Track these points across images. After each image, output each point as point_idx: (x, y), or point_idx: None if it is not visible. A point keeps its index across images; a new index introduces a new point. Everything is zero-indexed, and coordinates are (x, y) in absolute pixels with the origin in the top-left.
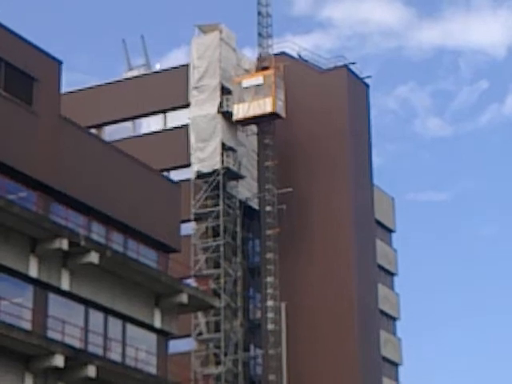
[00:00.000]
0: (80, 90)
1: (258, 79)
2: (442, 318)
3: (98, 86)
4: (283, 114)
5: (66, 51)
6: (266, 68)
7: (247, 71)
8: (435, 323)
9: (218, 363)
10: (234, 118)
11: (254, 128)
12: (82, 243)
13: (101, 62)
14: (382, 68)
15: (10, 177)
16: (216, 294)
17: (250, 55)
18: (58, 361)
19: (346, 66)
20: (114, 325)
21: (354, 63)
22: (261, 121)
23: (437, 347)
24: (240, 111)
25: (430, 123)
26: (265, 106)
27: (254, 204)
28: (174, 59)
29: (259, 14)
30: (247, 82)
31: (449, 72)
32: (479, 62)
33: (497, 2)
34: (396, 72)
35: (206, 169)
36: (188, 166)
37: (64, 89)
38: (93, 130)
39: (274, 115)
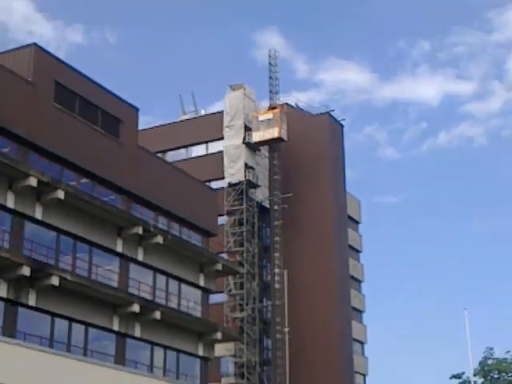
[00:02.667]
0: (151, 127)
1: (269, 115)
2: (395, 279)
3: (163, 125)
4: (286, 139)
5: (142, 101)
6: (274, 107)
7: None
8: (390, 283)
9: (242, 310)
10: (253, 140)
11: (266, 153)
12: (152, 230)
13: (165, 109)
14: (356, 114)
15: (104, 186)
16: (241, 264)
17: (264, 105)
18: (135, 308)
19: (328, 112)
20: (173, 284)
21: (333, 110)
22: (271, 143)
23: (391, 300)
24: (257, 136)
25: (387, 151)
26: (273, 132)
27: (266, 204)
28: (213, 107)
29: (270, 77)
30: (262, 117)
31: (401, 116)
32: (421, 110)
33: (433, 69)
34: (365, 117)
35: (234, 180)
36: (222, 178)
37: (140, 127)
38: (159, 155)
39: (279, 139)
